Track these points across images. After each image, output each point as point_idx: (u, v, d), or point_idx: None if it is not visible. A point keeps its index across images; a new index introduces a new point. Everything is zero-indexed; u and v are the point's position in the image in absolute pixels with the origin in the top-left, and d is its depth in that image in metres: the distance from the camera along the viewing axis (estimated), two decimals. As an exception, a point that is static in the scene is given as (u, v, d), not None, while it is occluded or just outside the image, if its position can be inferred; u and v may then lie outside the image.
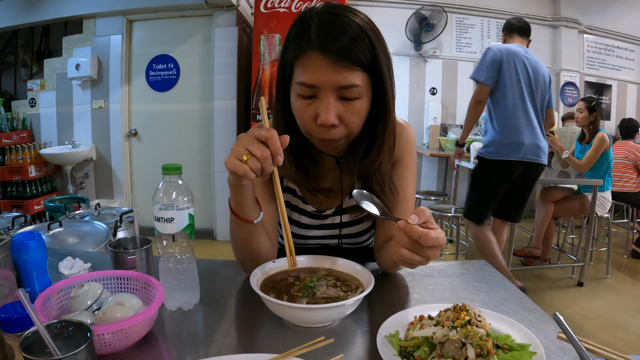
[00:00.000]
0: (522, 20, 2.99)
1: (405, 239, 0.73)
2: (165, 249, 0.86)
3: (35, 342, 0.56)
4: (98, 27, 4.42)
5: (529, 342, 0.69)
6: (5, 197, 4.28)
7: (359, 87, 0.85)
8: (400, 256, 0.74)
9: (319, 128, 0.87)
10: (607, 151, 3.46)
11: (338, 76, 0.82)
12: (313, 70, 0.83)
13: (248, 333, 0.80)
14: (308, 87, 0.85)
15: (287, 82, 0.92)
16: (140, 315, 0.70)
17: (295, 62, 0.87)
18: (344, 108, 0.86)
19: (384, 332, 0.74)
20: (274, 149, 0.74)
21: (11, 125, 4.35)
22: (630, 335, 2.65)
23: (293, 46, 0.87)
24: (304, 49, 0.84)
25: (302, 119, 0.89)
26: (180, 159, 4.38)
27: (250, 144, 0.74)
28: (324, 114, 0.85)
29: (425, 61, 5.36)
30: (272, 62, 3.82)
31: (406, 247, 0.73)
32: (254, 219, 0.90)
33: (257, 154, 0.74)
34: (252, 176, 0.75)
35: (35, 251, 0.83)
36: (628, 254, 4.19)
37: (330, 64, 0.81)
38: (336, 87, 0.84)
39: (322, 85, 0.84)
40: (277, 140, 0.74)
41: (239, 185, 0.83)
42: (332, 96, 0.85)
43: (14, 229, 2.40)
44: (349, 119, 0.87)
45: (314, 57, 0.83)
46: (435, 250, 0.73)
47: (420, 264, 0.75)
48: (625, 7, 5.76)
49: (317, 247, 1.16)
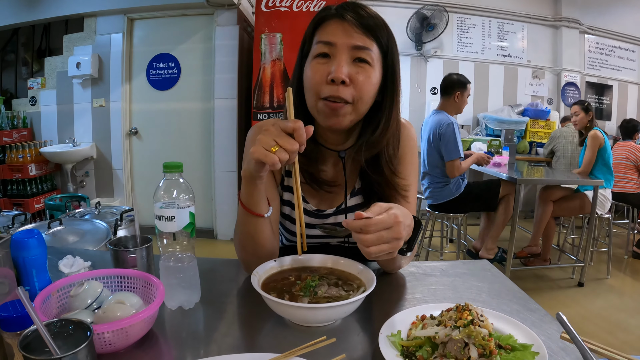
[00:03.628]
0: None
1: (355, 236, 0.74)
2: (165, 247, 0.86)
3: (34, 341, 0.55)
4: (99, 25, 4.42)
5: (531, 342, 0.69)
6: (5, 196, 4.28)
7: (372, 52, 0.91)
8: (365, 253, 0.74)
9: (329, 86, 0.91)
10: (604, 146, 3.45)
11: (355, 35, 0.90)
12: (331, 31, 0.91)
13: (249, 332, 0.80)
14: (325, 44, 0.91)
15: (303, 61, 0.98)
16: (141, 314, 0.70)
17: (316, 31, 0.95)
18: (356, 70, 0.91)
19: (386, 331, 0.73)
20: (301, 141, 0.77)
21: (12, 123, 4.35)
22: (631, 336, 2.65)
23: (315, 21, 0.96)
24: (325, 18, 0.94)
25: (314, 77, 0.92)
26: (181, 157, 4.37)
27: (278, 136, 0.76)
28: (336, 68, 0.89)
29: (426, 61, 5.36)
30: (273, 61, 3.81)
31: (365, 244, 0.73)
32: (264, 212, 0.92)
33: (287, 147, 0.76)
34: (279, 166, 0.77)
35: (35, 249, 0.83)
36: (629, 255, 4.19)
37: (349, 26, 0.90)
38: (351, 46, 0.90)
39: (338, 43, 0.90)
40: (304, 131, 0.77)
41: (256, 177, 0.84)
42: (346, 54, 0.90)
43: (14, 227, 2.40)
44: (360, 81, 0.91)
45: (334, 21, 0.92)
46: (393, 230, 0.73)
47: (392, 250, 0.74)
48: (626, 8, 5.76)
49: (317, 246, 1.16)
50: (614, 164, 3.88)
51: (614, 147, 4.28)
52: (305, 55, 0.97)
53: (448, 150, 3.04)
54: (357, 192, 1.11)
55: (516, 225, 3.16)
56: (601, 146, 3.42)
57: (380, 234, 0.72)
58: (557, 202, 3.55)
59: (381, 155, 1.02)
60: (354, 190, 1.10)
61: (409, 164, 1.08)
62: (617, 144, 4.30)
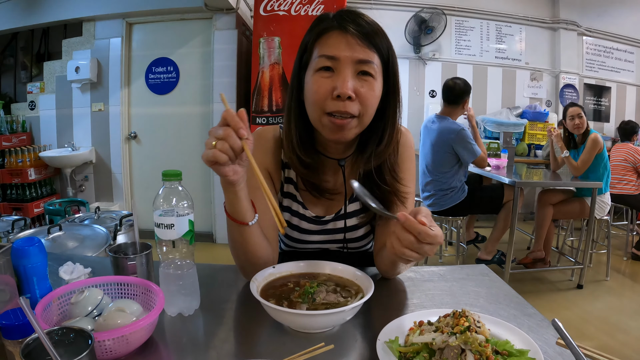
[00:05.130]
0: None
1: (404, 235, 0.73)
2: (165, 254, 0.86)
3: (36, 349, 0.56)
4: (98, 29, 4.43)
5: (528, 348, 0.70)
6: (4, 200, 4.27)
7: (374, 64, 0.91)
8: (400, 252, 0.74)
9: (334, 101, 0.91)
10: (602, 152, 3.45)
11: (358, 48, 0.90)
12: (334, 45, 0.91)
13: (248, 339, 0.81)
14: (328, 58, 0.90)
15: (302, 72, 0.97)
16: (141, 322, 0.70)
17: (316, 43, 0.94)
18: (360, 84, 0.91)
19: (384, 337, 0.74)
20: (234, 124, 0.78)
21: (11, 128, 4.35)
22: (630, 338, 2.65)
23: (314, 30, 0.95)
24: (325, 29, 0.93)
25: (319, 92, 0.92)
26: (180, 161, 4.39)
27: (215, 131, 0.78)
28: (342, 84, 0.89)
29: (424, 64, 5.37)
30: (271, 65, 3.82)
31: (404, 243, 0.73)
32: (248, 220, 0.90)
33: (220, 135, 0.77)
34: (223, 158, 0.77)
35: (36, 257, 0.83)
36: (628, 257, 4.19)
37: (351, 39, 0.90)
38: (355, 60, 0.90)
39: (342, 58, 0.90)
40: (235, 115, 0.78)
41: (228, 182, 0.83)
42: (350, 69, 0.90)
43: (13, 232, 2.40)
44: (365, 95, 0.91)
45: (335, 34, 0.91)
46: (433, 248, 0.74)
47: (417, 260, 0.76)
48: (624, 9, 5.77)
49: (317, 252, 1.17)
50: (613, 165, 3.89)
51: (613, 149, 4.29)
52: (304, 65, 0.97)
53: (471, 153, 3.13)
54: (356, 198, 1.11)
55: (515, 228, 3.17)
56: (600, 151, 3.43)
57: (422, 246, 0.73)
58: (557, 205, 3.55)
59: (384, 164, 1.03)
60: (353, 196, 1.11)
61: (407, 170, 1.10)
62: (616, 146, 4.31)
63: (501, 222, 3.35)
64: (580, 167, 3.45)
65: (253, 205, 0.92)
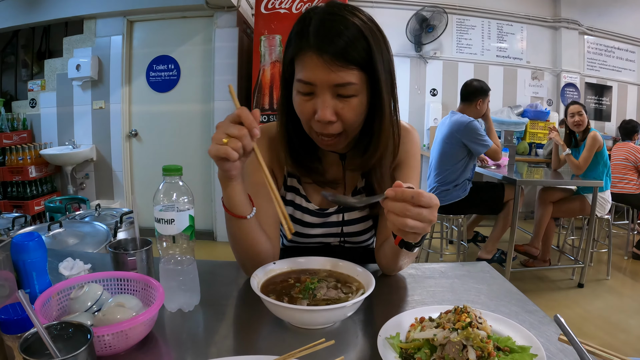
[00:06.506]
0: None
1: (398, 205, 0.71)
2: (165, 250, 0.86)
3: (35, 344, 0.56)
4: (99, 27, 4.43)
5: (529, 344, 0.69)
6: (5, 198, 4.28)
7: (354, 85, 0.87)
8: (401, 224, 0.71)
9: (318, 123, 0.90)
10: (602, 150, 3.45)
11: (333, 75, 0.85)
12: (310, 69, 0.87)
13: (248, 335, 0.80)
14: (306, 84, 0.88)
15: (288, 79, 0.95)
16: (141, 317, 0.70)
17: (295, 60, 0.91)
18: (341, 105, 0.89)
19: (385, 333, 0.73)
20: (248, 123, 0.78)
21: (11, 125, 4.36)
22: (631, 337, 2.65)
23: (293, 44, 0.90)
24: (302, 48, 0.87)
25: (302, 113, 0.93)
26: (181, 159, 4.39)
27: (227, 128, 0.77)
28: (321, 111, 0.88)
29: (425, 62, 5.36)
30: (272, 63, 3.82)
31: (401, 213, 0.71)
32: (246, 214, 0.90)
33: (235, 133, 0.77)
34: (234, 156, 0.77)
35: (35, 252, 0.83)
36: (628, 256, 4.19)
37: (326, 63, 0.84)
38: (332, 85, 0.87)
39: (319, 83, 0.87)
40: (250, 115, 0.78)
41: (228, 178, 0.84)
42: (328, 93, 0.88)
43: (14, 229, 2.40)
44: (346, 116, 0.90)
45: (310, 56, 0.86)
46: (432, 211, 0.72)
47: (420, 232, 0.73)
48: (625, 9, 5.76)
49: (318, 246, 1.16)
50: (614, 164, 3.88)
51: (614, 148, 4.29)
52: (289, 78, 0.94)
53: (481, 144, 3.12)
54: (359, 191, 1.11)
55: (516, 227, 3.16)
56: (599, 149, 3.43)
57: (420, 211, 0.71)
58: (557, 203, 3.55)
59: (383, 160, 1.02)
60: (356, 189, 1.11)
61: (412, 168, 1.09)
62: (617, 145, 4.30)
63: (501, 221, 3.35)
64: (582, 165, 3.44)
65: (250, 199, 0.92)
